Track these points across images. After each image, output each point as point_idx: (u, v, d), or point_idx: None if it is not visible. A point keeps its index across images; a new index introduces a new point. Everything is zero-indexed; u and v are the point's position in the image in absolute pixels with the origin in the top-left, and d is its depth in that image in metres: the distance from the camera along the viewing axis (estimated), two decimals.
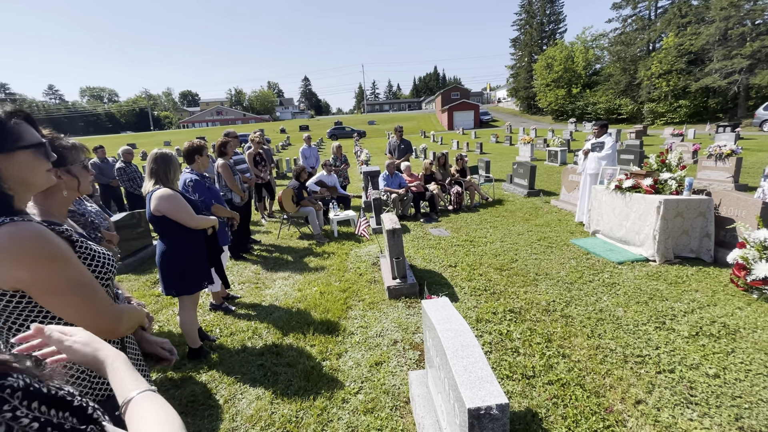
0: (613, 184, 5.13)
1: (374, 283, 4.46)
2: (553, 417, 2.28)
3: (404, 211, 7.53)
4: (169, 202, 2.64)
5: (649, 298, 3.67)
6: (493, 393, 1.37)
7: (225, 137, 5.55)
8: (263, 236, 6.71)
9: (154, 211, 2.67)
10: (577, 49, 43.15)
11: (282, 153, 28.94)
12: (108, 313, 1.17)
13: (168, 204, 2.64)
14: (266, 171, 7.36)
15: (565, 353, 2.89)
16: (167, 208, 2.65)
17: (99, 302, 1.15)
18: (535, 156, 16.25)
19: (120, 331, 1.23)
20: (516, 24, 56.23)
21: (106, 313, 1.17)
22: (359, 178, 13.26)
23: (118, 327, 1.22)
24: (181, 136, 51.71)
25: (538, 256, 4.96)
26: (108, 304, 1.18)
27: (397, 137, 8.86)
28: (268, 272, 5.02)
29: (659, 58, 31.88)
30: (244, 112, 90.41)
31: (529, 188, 8.86)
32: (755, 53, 25.29)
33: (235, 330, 3.56)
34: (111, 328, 1.19)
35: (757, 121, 20.69)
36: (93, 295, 1.13)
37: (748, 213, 4.20)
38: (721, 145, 8.45)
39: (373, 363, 2.90)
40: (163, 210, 2.65)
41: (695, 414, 2.24)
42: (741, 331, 3.04)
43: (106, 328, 1.18)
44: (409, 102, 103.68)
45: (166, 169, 2.70)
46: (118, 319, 1.21)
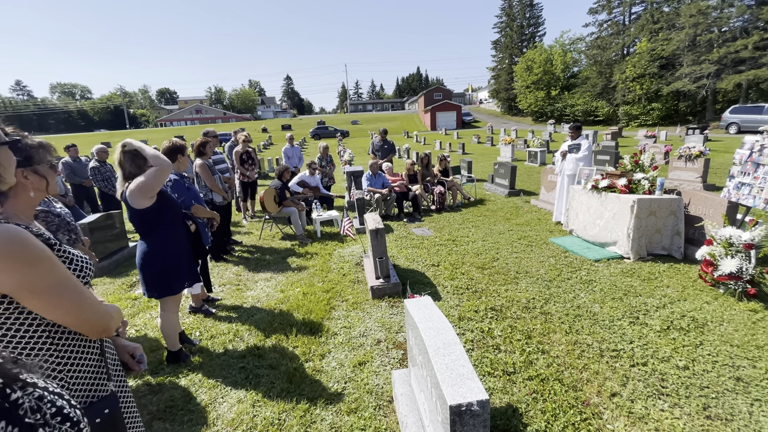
0: (590, 184, 5.28)
1: (358, 283, 4.45)
2: (533, 412, 2.33)
3: (387, 211, 7.55)
4: (135, 184, 2.53)
5: (623, 294, 3.80)
6: (473, 390, 1.40)
7: (204, 137, 5.45)
8: (244, 237, 6.61)
9: (136, 206, 2.58)
10: (556, 52, 44.17)
11: (264, 152, 28.54)
12: (99, 311, 1.15)
13: (135, 186, 2.52)
14: (253, 170, 7.26)
15: (544, 349, 2.96)
16: (138, 188, 2.52)
17: (89, 301, 1.12)
18: (516, 156, 16.55)
19: (111, 328, 1.22)
20: (497, 26, 57.13)
21: (97, 311, 1.14)
22: (343, 178, 13.21)
23: (110, 324, 1.20)
24: (159, 135, 50.34)
25: (519, 254, 5.06)
26: (97, 302, 1.16)
27: (380, 138, 8.88)
28: (250, 273, 4.95)
29: (633, 62, 32.98)
30: (224, 110, 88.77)
31: (510, 188, 9.03)
32: (722, 59, 26.48)
33: (216, 333, 3.49)
34: (104, 325, 1.17)
35: (724, 123, 21.67)
36: (81, 295, 1.10)
37: (714, 211, 4.40)
38: (691, 146, 8.82)
39: (357, 363, 2.90)
40: (136, 193, 2.53)
41: (666, 405, 2.34)
42: (708, 325, 3.18)
43: (100, 327, 1.16)
44: (393, 102, 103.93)
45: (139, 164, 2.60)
46: (110, 316, 1.19)
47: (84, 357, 1.17)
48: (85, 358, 1.18)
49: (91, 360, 1.20)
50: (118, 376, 1.33)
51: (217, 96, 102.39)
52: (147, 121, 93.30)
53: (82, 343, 1.17)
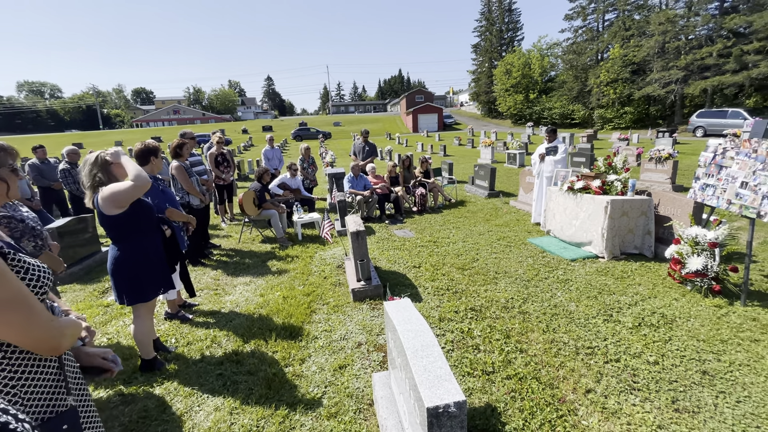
0: (566, 186, 5.43)
1: (339, 285, 4.43)
2: (511, 410, 2.37)
3: (369, 213, 7.54)
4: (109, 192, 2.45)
5: (598, 292, 3.91)
6: (451, 391, 1.41)
7: (181, 138, 5.32)
8: (223, 240, 6.48)
9: (107, 213, 2.49)
10: (534, 56, 45.21)
11: (244, 154, 28.08)
12: (49, 330, 1.08)
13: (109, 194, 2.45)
14: (228, 172, 7.13)
15: (522, 348, 3.02)
16: (112, 197, 2.45)
17: (39, 318, 1.06)
18: (496, 158, 16.83)
19: (63, 347, 1.14)
20: (477, 30, 58.03)
21: (47, 329, 1.08)
22: (324, 179, 13.13)
23: (61, 343, 1.13)
24: (135, 136, 48.86)
25: (498, 255, 5.15)
26: (48, 319, 1.09)
27: (362, 140, 8.88)
28: (229, 277, 4.86)
29: (607, 67, 34.10)
30: (203, 111, 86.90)
31: (490, 189, 9.17)
32: (689, 65, 27.70)
33: (193, 339, 3.41)
34: (53, 344, 1.10)
35: (691, 127, 22.66)
36: (31, 311, 1.04)
37: (682, 211, 4.59)
38: (660, 149, 9.18)
39: (337, 367, 2.89)
40: (108, 200, 2.45)
41: (638, 399, 2.42)
42: (677, 321, 3.31)
43: (49, 346, 1.09)
44: (375, 104, 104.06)
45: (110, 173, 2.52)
46: (61, 334, 1.12)
47: (39, 371, 1.12)
48: (40, 372, 1.12)
49: (48, 374, 1.14)
50: (79, 389, 1.27)
51: (196, 96, 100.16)
52: (122, 122, 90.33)
53: (37, 357, 1.12)
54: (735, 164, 3.79)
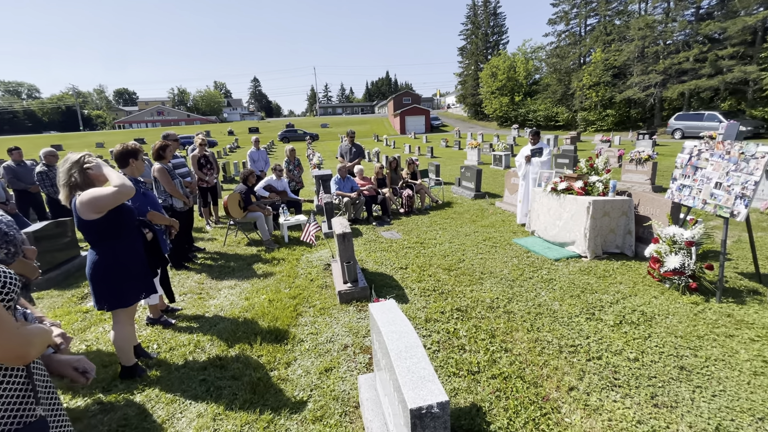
0: (549, 187, 5.52)
1: (325, 288, 4.41)
2: (496, 410, 2.39)
3: (357, 215, 7.53)
4: (89, 197, 2.40)
5: (581, 291, 3.98)
6: (434, 392, 1.41)
7: (163, 140, 5.23)
8: (208, 244, 6.38)
9: (85, 217, 2.43)
10: (519, 59, 45.89)
11: (230, 156, 27.75)
12: (15, 338, 1.05)
13: (88, 199, 2.39)
14: (212, 174, 7.03)
15: (507, 347, 3.05)
16: (91, 202, 2.40)
17: (4, 328, 1.03)
18: (482, 160, 17.01)
19: (30, 355, 1.11)
20: (463, 33, 58.62)
21: (12, 338, 1.04)
22: (311, 181, 13.06)
23: (28, 351, 1.09)
24: (117, 137, 47.78)
25: (484, 255, 5.20)
26: (14, 327, 1.06)
27: (348, 141, 8.86)
28: (213, 281, 4.79)
29: (589, 71, 34.83)
30: (188, 112, 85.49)
31: (476, 191, 9.26)
32: (667, 70, 28.50)
33: (176, 344, 3.34)
34: (20, 353, 1.07)
35: (670, 129, 23.33)
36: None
37: (660, 211, 4.71)
38: (640, 150, 9.42)
39: (323, 369, 2.87)
40: (86, 205, 2.39)
41: (618, 395, 2.47)
42: (656, 318, 3.39)
43: (15, 355, 1.06)
44: (362, 106, 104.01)
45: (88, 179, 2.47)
46: (28, 342, 1.09)
47: (5, 381, 1.08)
48: (6, 381, 1.08)
49: (15, 384, 1.11)
50: (50, 398, 1.23)
51: (180, 97, 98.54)
52: (103, 123, 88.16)
53: (2, 367, 1.08)
54: (709, 165, 3.92)
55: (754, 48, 24.44)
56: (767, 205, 6.57)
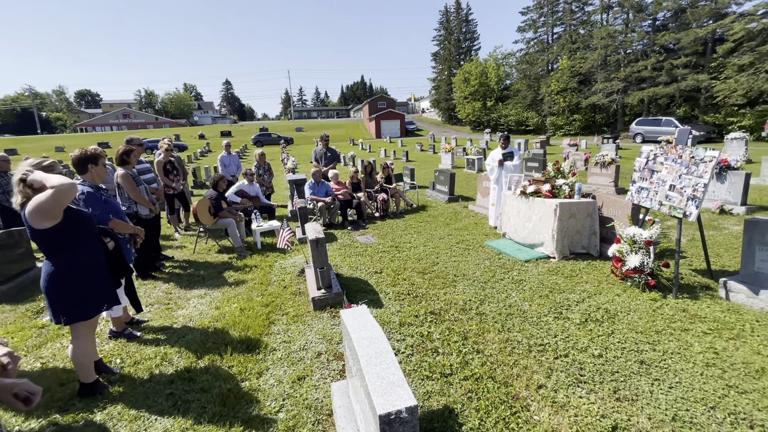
0: (519, 190, 5.68)
1: (299, 294, 4.35)
2: (468, 411, 2.43)
3: (332, 220, 7.48)
4: (33, 205, 2.27)
5: (549, 291, 4.12)
6: (403, 397, 1.42)
7: (127, 144, 5.04)
8: (176, 251, 6.17)
9: (37, 227, 2.30)
10: (490, 65, 47.13)
11: (201, 160, 26.97)
12: None
13: (32, 207, 2.27)
14: (178, 180, 6.80)
15: (479, 349, 3.11)
16: (36, 209, 2.27)
17: None
18: (456, 164, 17.31)
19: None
20: (436, 39, 59.66)
21: None
22: (285, 186, 12.88)
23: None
24: (78, 141, 45.50)
25: (457, 258, 5.28)
26: None
27: (323, 145, 8.81)
28: (182, 290, 4.63)
29: (556, 77, 36.22)
30: (156, 115, 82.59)
31: (450, 194, 9.41)
32: (627, 77, 30.04)
33: (141, 358, 3.20)
34: None
35: (632, 134, 24.54)
36: None
37: (622, 213, 4.95)
38: (604, 154, 9.85)
39: (296, 378, 2.83)
40: (33, 214, 2.27)
41: (584, 391, 2.57)
42: (619, 315, 3.55)
43: None
44: (338, 110, 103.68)
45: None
46: None
47: None
48: None
49: None
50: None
51: (148, 100, 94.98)
52: (64, 126, 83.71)
53: None
54: (664, 169, 4.15)
55: (705, 58, 26.17)
56: (718, 205, 7.02)
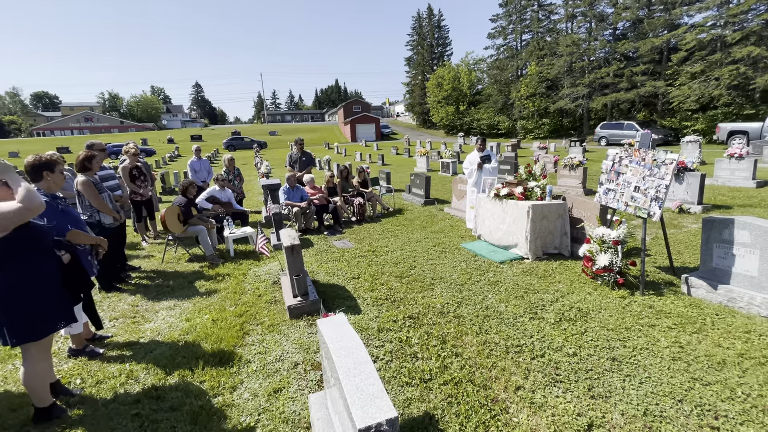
0: (493, 193, 5.79)
1: (274, 303, 4.24)
2: (448, 416, 2.42)
3: (307, 225, 7.37)
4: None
5: (524, 292, 4.19)
6: (383, 408, 1.39)
7: (88, 150, 4.78)
8: (144, 261, 5.89)
9: None
10: (462, 70, 48.09)
11: (170, 165, 26.04)
12: None
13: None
14: (146, 186, 6.51)
15: (458, 352, 3.12)
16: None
17: None
18: (431, 167, 17.49)
19: None
20: (409, 44, 60.39)
21: None
22: (259, 191, 12.60)
23: None
24: (35, 146, 42.94)
25: (434, 261, 5.31)
26: None
27: (298, 149, 8.68)
28: (150, 302, 4.41)
29: (525, 82, 37.40)
30: (121, 119, 79.24)
31: (426, 197, 9.48)
32: (592, 83, 31.42)
33: (104, 377, 3.01)
34: None
35: (597, 137, 25.62)
36: None
37: (591, 213, 5.12)
38: (573, 157, 10.22)
39: (272, 391, 2.73)
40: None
41: (560, 390, 2.61)
42: (591, 313, 3.66)
43: None
44: (312, 113, 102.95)
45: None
46: None
47: None
48: None
49: None
50: None
51: (113, 102, 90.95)
52: (18, 130, 78.76)
53: None
54: (629, 171, 4.33)
55: (661, 66, 27.74)
56: (677, 204, 7.40)
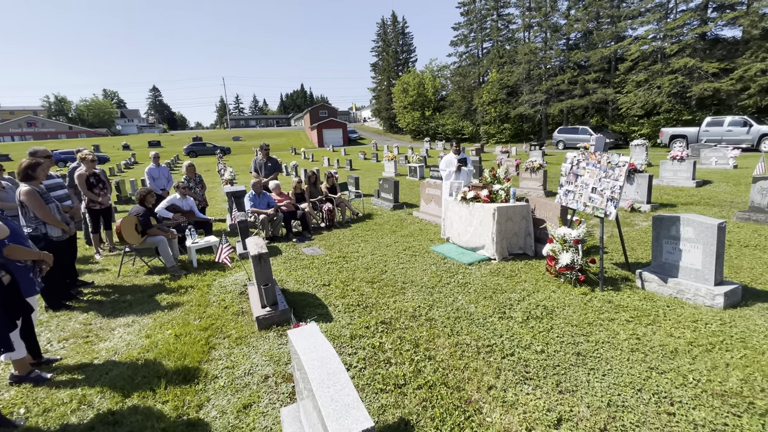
0: (460, 196, 5.91)
1: (242, 314, 4.08)
2: (423, 420, 2.42)
3: (275, 232, 7.19)
4: None
5: (492, 292, 4.30)
6: (359, 419, 1.36)
7: (32, 157, 4.44)
8: (97, 276, 5.50)
9: None
10: (427, 77, 49.10)
11: (125, 173, 24.65)
12: None
13: None
14: (105, 195, 6.11)
15: (430, 355, 3.14)
16: None
17: None
18: (399, 172, 17.64)
19: None
20: (374, 50, 60.97)
21: None
22: (223, 198, 12.18)
23: None
24: None
25: (405, 265, 5.33)
26: None
27: (263, 155, 8.47)
28: (104, 320, 4.12)
29: (487, 89, 38.70)
30: (69, 124, 74.18)
31: (395, 202, 9.54)
32: (549, 90, 33.03)
33: (52, 404, 2.77)
34: None
35: (555, 141, 26.93)
36: None
37: (552, 214, 5.35)
38: (533, 160, 10.66)
39: (241, 407, 2.62)
40: None
41: (530, 388, 2.69)
42: (556, 310, 3.80)
43: None
44: (278, 118, 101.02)
45: None
46: None
47: None
48: None
49: None
50: None
51: (59, 106, 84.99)
52: None
53: None
54: (586, 173, 4.56)
55: (610, 74, 29.64)
56: (629, 204, 7.90)
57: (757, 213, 6.36)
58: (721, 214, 7.01)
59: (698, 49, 23.78)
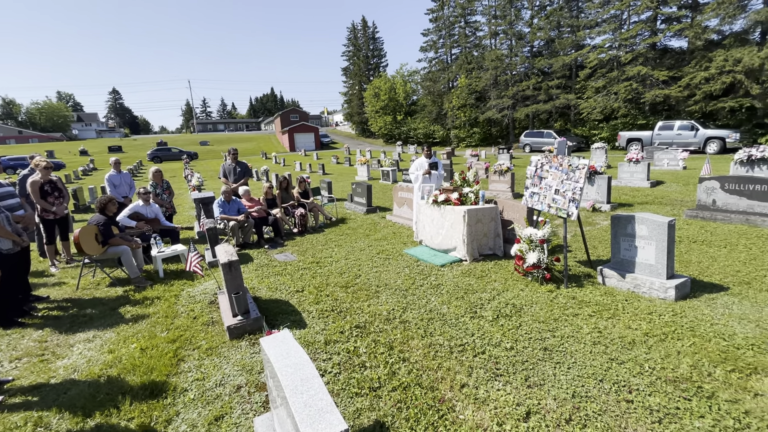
0: (431, 199, 6.02)
1: (212, 324, 3.98)
2: (398, 422, 2.45)
3: (246, 239, 7.04)
4: None
5: (464, 292, 4.41)
6: (333, 423, 1.38)
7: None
8: (53, 290, 5.19)
9: None
10: (398, 81, 49.62)
11: (83, 180, 23.34)
12: None
13: None
14: (61, 203, 5.78)
15: (405, 357, 3.18)
16: None
17: None
18: (371, 175, 17.71)
19: None
20: (345, 55, 60.93)
21: None
22: (191, 205, 11.79)
23: None
24: None
25: (378, 268, 5.37)
26: None
27: (232, 159, 8.29)
28: (62, 336, 3.90)
29: (456, 94, 39.59)
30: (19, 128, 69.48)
31: (368, 206, 9.57)
32: (515, 95, 34.22)
33: (4, 429, 2.59)
34: None
35: (522, 144, 27.90)
36: None
37: (519, 215, 5.55)
38: (501, 163, 11.00)
39: (213, 419, 2.56)
40: None
41: (501, 384, 2.78)
42: (524, 308, 3.95)
43: None
44: (247, 122, 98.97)
45: None
46: None
47: None
48: None
49: None
50: None
51: (8, 109, 79.43)
52: None
53: None
54: (550, 176, 4.78)
55: (572, 80, 31.11)
56: (590, 204, 8.31)
57: (704, 211, 6.87)
58: (672, 213, 7.51)
59: (650, 58, 25.39)
